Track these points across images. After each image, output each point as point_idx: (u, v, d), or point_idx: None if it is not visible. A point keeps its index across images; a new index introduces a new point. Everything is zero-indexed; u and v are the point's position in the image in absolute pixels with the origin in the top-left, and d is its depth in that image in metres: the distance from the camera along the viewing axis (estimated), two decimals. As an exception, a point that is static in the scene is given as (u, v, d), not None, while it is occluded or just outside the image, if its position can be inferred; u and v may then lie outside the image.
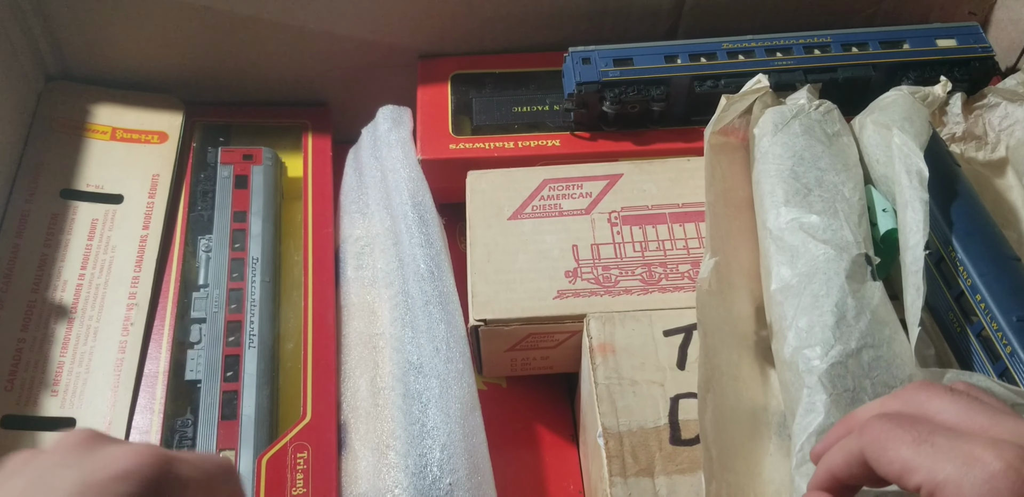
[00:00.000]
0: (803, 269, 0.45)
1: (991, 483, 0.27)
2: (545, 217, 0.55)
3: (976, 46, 0.57)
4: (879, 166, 0.50)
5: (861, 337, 0.42)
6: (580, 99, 0.58)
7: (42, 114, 0.62)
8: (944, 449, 0.28)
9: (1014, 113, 0.55)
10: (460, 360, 0.50)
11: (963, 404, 0.30)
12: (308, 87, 0.68)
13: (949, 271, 0.46)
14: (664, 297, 0.51)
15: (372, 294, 0.56)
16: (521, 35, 0.64)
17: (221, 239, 0.58)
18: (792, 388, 0.43)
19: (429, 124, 0.61)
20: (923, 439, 0.29)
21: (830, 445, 0.33)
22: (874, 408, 0.33)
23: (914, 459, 0.29)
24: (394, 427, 0.49)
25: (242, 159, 0.62)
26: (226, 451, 0.49)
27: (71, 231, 0.57)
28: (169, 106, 0.65)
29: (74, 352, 0.52)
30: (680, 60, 0.58)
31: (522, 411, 0.59)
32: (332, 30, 0.63)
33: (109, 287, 0.55)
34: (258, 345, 0.53)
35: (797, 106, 0.52)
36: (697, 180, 0.53)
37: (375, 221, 0.59)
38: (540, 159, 0.58)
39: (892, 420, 0.30)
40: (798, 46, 0.58)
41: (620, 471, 0.44)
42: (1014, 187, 0.54)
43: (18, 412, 0.50)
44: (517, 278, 0.52)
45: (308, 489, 0.48)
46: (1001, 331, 0.42)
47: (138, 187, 0.60)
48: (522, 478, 0.55)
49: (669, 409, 0.46)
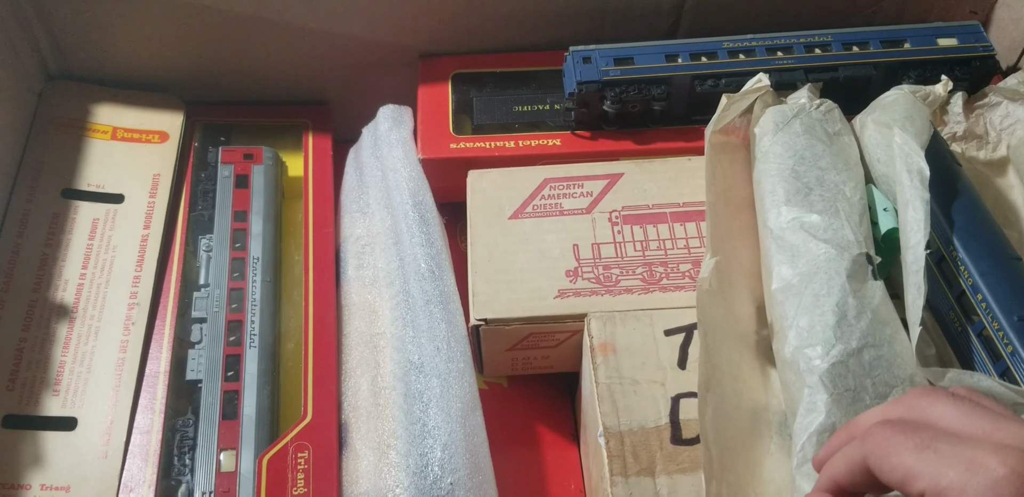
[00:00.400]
0: (804, 268, 0.45)
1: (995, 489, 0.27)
2: (546, 216, 0.55)
3: (977, 45, 0.57)
4: (880, 165, 0.50)
5: (862, 336, 0.42)
6: (581, 98, 0.58)
7: (43, 113, 0.62)
8: (947, 455, 0.28)
9: (1015, 112, 0.55)
10: (461, 359, 0.50)
11: (965, 409, 0.30)
12: (309, 86, 0.68)
13: (950, 270, 0.46)
14: (665, 296, 0.51)
15: (373, 293, 0.56)
16: (522, 34, 0.64)
17: (222, 239, 0.58)
18: (793, 387, 0.43)
19: (430, 123, 0.61)
20: (925, 445, 0.29)
21: (832, 452, 0.33)
22: (876, 415, 0.33)
23: (917, 466, 0.28)
24: (395, 426, 0.49)
25: (243, 158, 0.62)
26: (227, 450, 0.49)
27: (72, 231, 0.57)
28: (170, 106, 0.65)
29: (75, 351, 0.53)
30: (681, 59, 0.58)
31: (523, 410, 0.59)
32: (333, 29, 0.63)
33: (110, 286, 0.55)
34: (259, 345, 0.53)
35: (798, 105, 0.52)
36: (698, 179, 0.53)
37: (376, 220, 0.59)
38: (541, 158, 0.58)
39: (894, 427, 0.30)
40: (799, 45, 0.58)
41: (621, 470, 0.44)
42: (1015, 186, 0.53)
43: (19, 412, 0.50)
44: (518, 277, 0.52)
45: (309, 489, 0.48)
46: (1002, 330, 0.42)
47: (139, 187, 0.60)
48: (523, 477, 0.55)
49: (670, 408, 0.46)
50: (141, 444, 0.50)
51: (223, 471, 0.49)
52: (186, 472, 0.49)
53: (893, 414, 0.32)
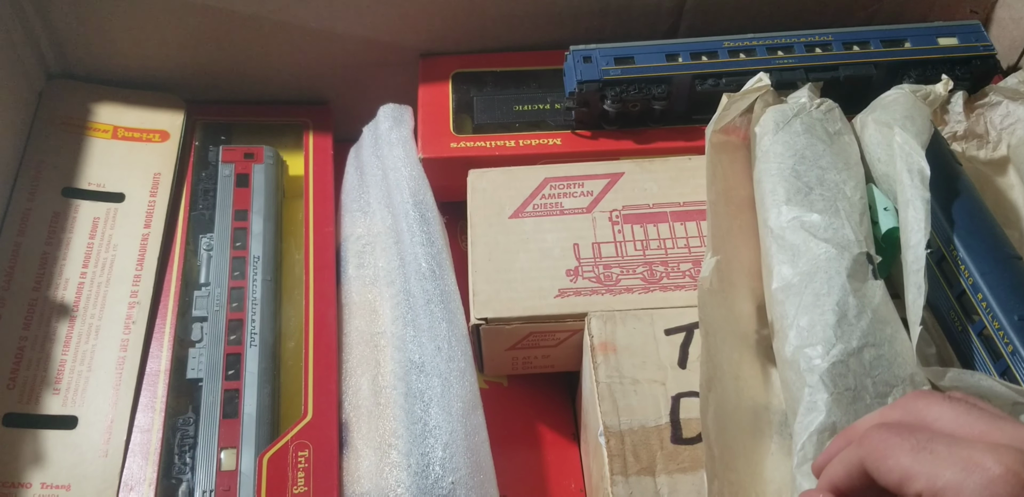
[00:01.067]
0: (804, 268, 0.45)
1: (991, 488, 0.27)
2: (546, 216, 0.55)
3: (978, 44, 0.57)
4: (880, 165, 0.50)
5: (862, 336, 0.42)
6: (581, 98, 0.58)
7: (43, 112, 0.62)
8: (943, 456, 0.28)
9: (1015, 112, 0.55)
10: (462, 359, 0.50)
11: (961, 410, 0.30)
12: (309, 86, 0.68)
13: (950, 270, 0.46)
14: (665, 296, 0.51)
15: (373, 293, 0.56)
16: (522, 34, 0.64)
17: (222, 237, 0.58)
18: (793, 387, 0.43)
19: (430, 123, 0.61)
20: (922, 446, 0.29)
21: (831, 457, 0.33)
22: (873, 419, 0.33)
23: (913, 466, 0.29)
24: (396, 426, 0.49)
25: (243, 158, 0.62)
26: (227, 449, 0.49)
27: (72, 229, 0.57)
28: (170, 105, 0.65)
29: (76, 350, 0.53)
30: (681, 59, 0.58)
31: (523, 410, 0.59)
32: (333, 29, 0.63)
33: (111, 285, 0.55)
34: (259, 343, 0.53)
35: (798, 105, 0.52)
36: (698, 179, 0.53)
37: (376, 220, 0.59)
38: (541, 158, 0.58)
39: (890, 429, 0.30)
40: (799, 45, 0.58)
41: (621, 470, 0.44)
42: (1015, 186, 0.53)
43: (20, 410, 0.50)
44: (518, 277, 0.52)
45: (309, 487, 0.48)
46: (1003, 330, 0.42)
47: (140, 186, 0.60)
48: (524, 476, 0.55)
49: (670, 408, 0.46)
50: (142, 443, 0.50)
51: (223, 470, 0.49)
52: (187, 471, 0.49)
53: (890, 417, 0.32)
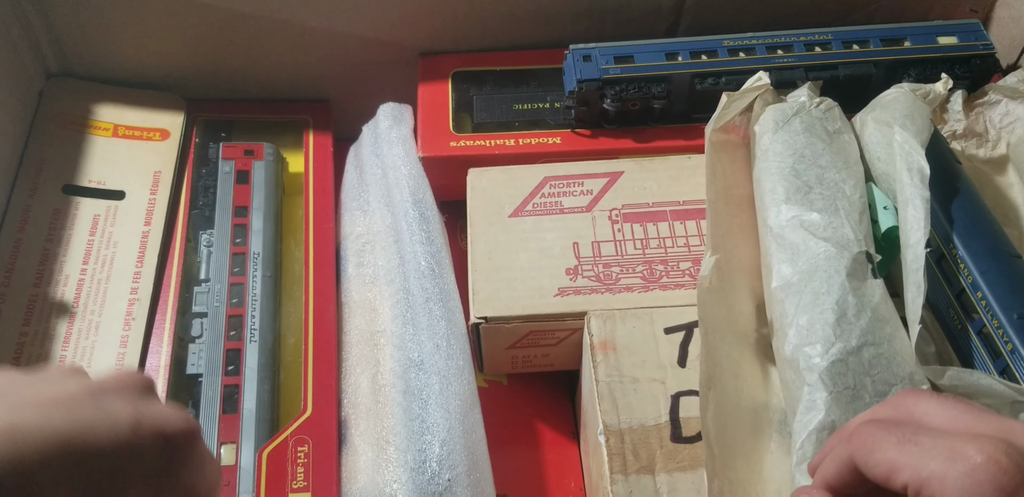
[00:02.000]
0: (804, 267, 0.45)
1: (972, 476, 0.27)
2: (546, 214, 0.55)
3: (977, 43, 0.57)
4: (880, 164, 0.50)
5: (862, 335, 0.42)
6: (581, 96, 0.58)
7: (44, 111, 0.62)
8: (928, 447, 0.29)
9: (1015, 110, 0.55)
10: (460, 357, 0.50)
11: (948, 405, 0.31)
12: (309, 84, 0.68)
13: (950, 268, 0.46)
14: (665, 295, 0.51)
15: (373, 291, 0.56)
16: (522, 32, 0.64)
17: (222, 234, 0.58)
18: (793, 386, 0.43)
19: (430, 121, 0.61)
20: (907, 439, 0.29)
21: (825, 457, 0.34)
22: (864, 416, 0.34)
23: (899, 459, 0.29)
24: (394, 423, 0.49)
25: (243, 155, 0.62)
26: (227, 444, 0.49)
27: (73, 227, 0.57)
28: (171, 105, 0.65)
29: (76, 347, 0.53)
30: (681, 57, 0.58)
31: (523, 408, 0.59)
32: (333, 27, 0.63)
33: (111, 282, 0.55)
34: (259, 339, 0.53)
35: (798, 104, 0.52)
36: (698, 178, 0.53)
37: (376, 218, 0.59)
38: (541, 157, 0.58)
39: (878, 424, 0.31)
40: (799, 43, 0.58)
41: (621, 468, 0.44)
42: (1015, 184, 0.54)
43: (19, 407, 0.50)
44: (518, 276, 0.52)
45: (308, 482, 0.48)
46: (1002, 328, 0.42)
47: (140, 184, 0.60)
48: (523, 475, 0.55)
49: (670, 406, 0.46)
50: (141, 440, 0.50)
51: (223, 464, 0.49)
52: (186, 468, 0.49)
53: (880, 414, 0.33)
